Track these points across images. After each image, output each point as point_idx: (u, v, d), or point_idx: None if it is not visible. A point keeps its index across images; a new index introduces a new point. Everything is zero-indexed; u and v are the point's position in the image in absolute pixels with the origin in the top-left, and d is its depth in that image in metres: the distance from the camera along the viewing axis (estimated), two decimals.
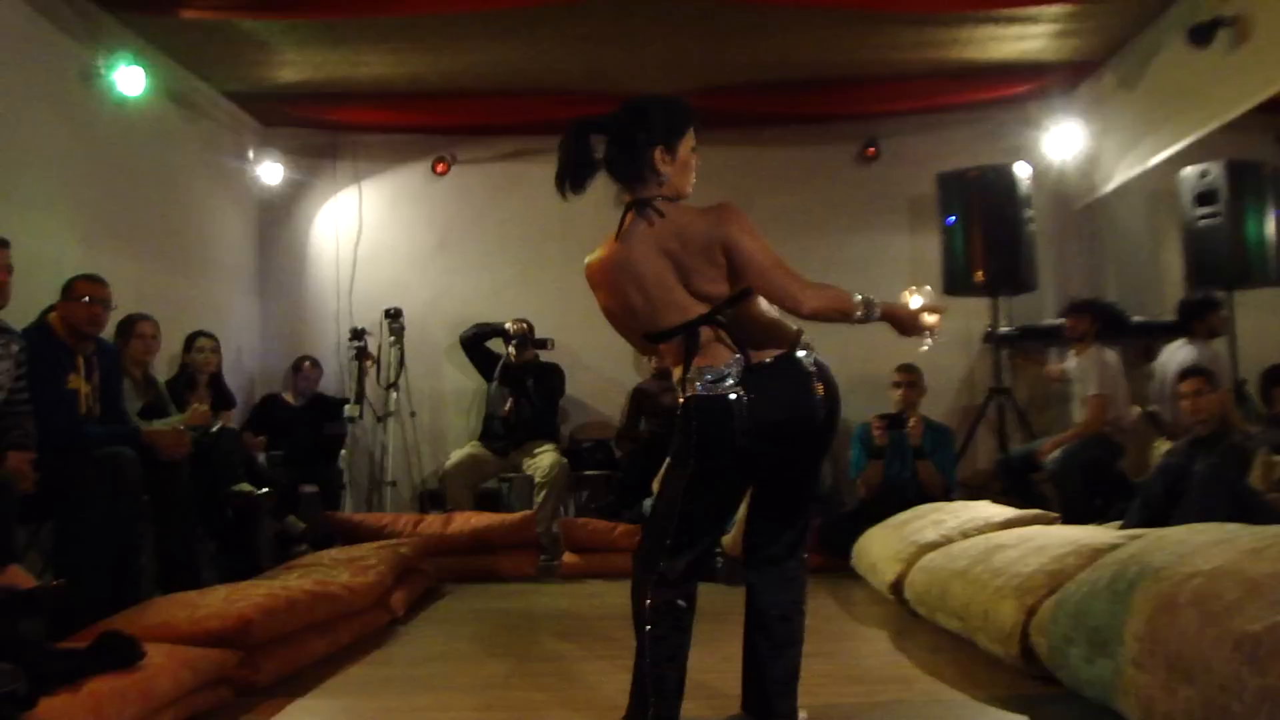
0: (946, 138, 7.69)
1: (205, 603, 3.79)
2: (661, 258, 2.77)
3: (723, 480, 2.86)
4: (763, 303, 2.81)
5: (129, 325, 5.29)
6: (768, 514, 2.97)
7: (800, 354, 2.81)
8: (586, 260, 2.96)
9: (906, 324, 2.92)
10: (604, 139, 2.87)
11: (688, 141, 2.86)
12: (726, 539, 5.17)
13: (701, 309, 2.77)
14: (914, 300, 2.93)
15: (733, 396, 2.73)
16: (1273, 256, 6.66)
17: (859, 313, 2.78)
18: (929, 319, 2.92)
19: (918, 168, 7.58)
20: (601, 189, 2.91)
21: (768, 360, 2.77)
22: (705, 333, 2.78)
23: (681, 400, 2.84)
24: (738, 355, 2.76)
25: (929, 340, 2.95)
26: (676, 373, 2.87)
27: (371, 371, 7.53)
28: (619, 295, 2.86)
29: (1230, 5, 5.59)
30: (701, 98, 7.17)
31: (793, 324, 2.85)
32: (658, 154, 2.81)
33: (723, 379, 2.75)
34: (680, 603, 2.81)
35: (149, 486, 4.48)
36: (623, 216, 2.87)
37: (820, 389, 2.81)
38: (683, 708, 2.85)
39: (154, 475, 4.51)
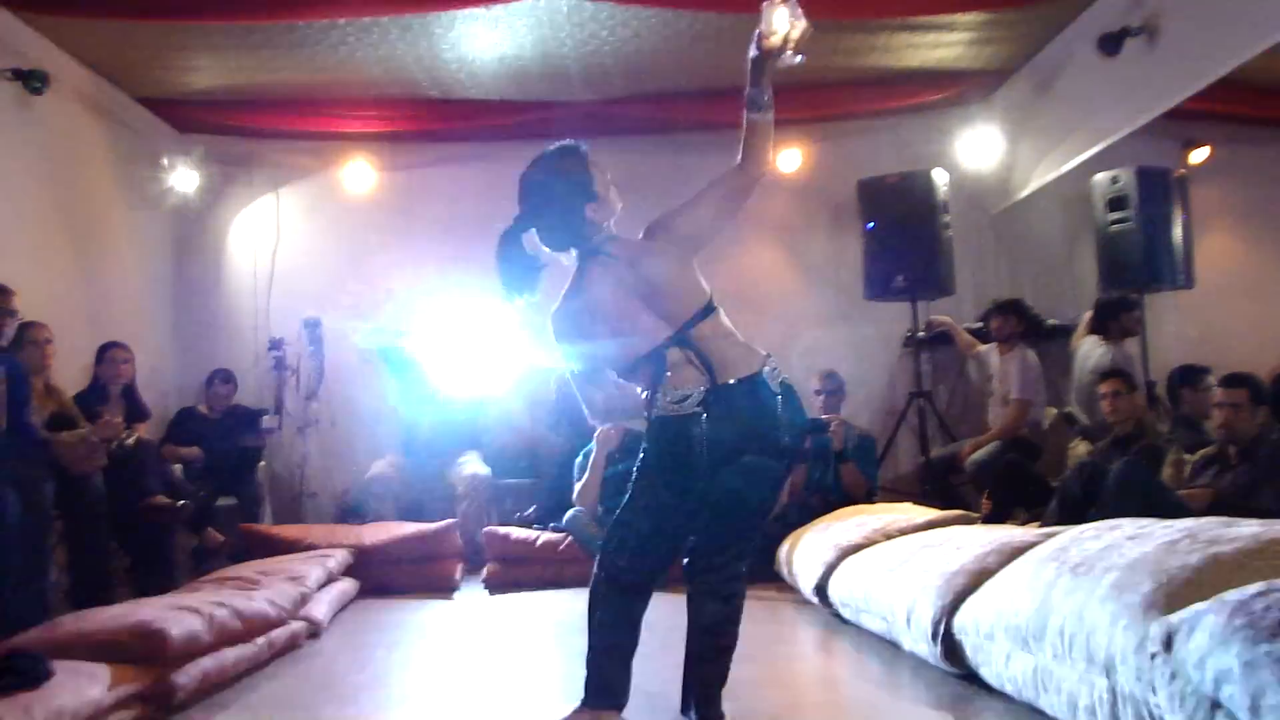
0: (866, 144, 7.78)
1: (118, 618, 3.69)
2: (621, 290, 2.84)
3: (683, 498, 2.89)
4: (727, 323, 2.88)
5: (19, 333, 5.12)
6: (718, 526, 2.97)
7: (766, 375, 2.82)
8: (550, 312, 2.98)
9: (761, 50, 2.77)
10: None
11: (599, 177, 2.92)
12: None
13: (668, 332, 2.83)
14: (771, 18, 2.72)
15: (694, 417, 2.77)
16: (1181, 260, 6.82)
17: (763, 114, 2.81)
18: (767, 39, 2.73)
19: (838, 174, 7.65)
20: (513, 204, 2.94)
21: (732, 382, 2.79)
22: (673, 354, 2.83)
23: (647, 419, 2.90)
24: (701, 379, 2.79)
25: (787, 57, 2.74)
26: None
27: (291, 382, 7.41)
28: (588, 336, 2.90)
29: (1137, 15, 5.73)
30: (622, 104, 7.22)
31: (759, 348, 2.89)
32: (589, 211, 2.89)
33: (686, 399, 2.79)
34: (631, 597, 2.93)
35: (59, 500, 4.35)
36: (579, 267, 2.93)
37: (783, 411, 2.83)
38: (623, 711, 2.93)
39: (65, 488, 4.38)
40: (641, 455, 2.95)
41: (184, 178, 7.57)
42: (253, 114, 7.34)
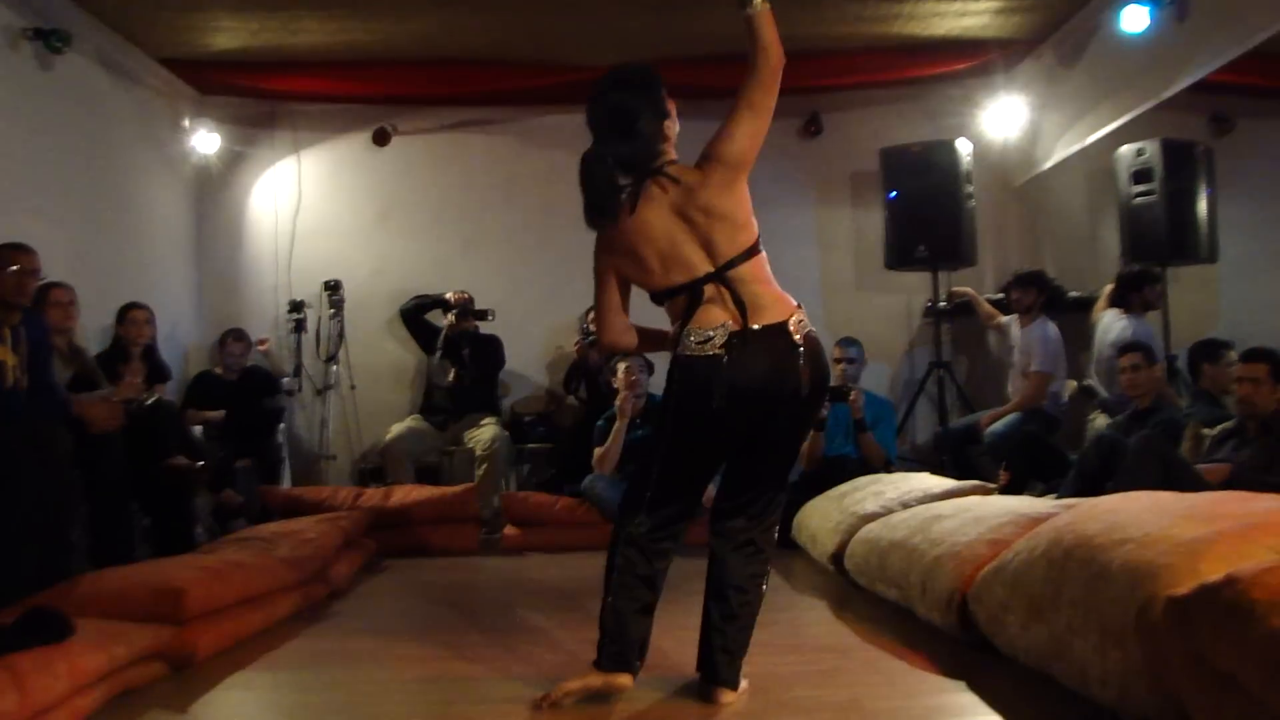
0: (889, 113, 7.74)
1: (139, 577, 3.73)
2: (675, 218, 2.85)
3: (699, 441, 2.92)
4: (766, 269, 2.90)
5: (42, 294, 5.14)
6: (739, 482, 3.00)
7: (791, 325, 2.83)
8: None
9: None
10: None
11: (665, 95, 2.96)
12: None
13: (708, 268, 2.85)
14: None
15: (715, 359, 2.79)
16: (1204, 234, 6.77)
17: (756, 6, 2.75)
18: None
19: (861, 143, 7.62)
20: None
21: (756, 328, 2.81)
22: (709, 290, 2.85)
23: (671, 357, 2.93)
24: (727, 321, 2.81)
25: None
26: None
27: (291, 345, 7.45)
28: (634, 257, 2.91)
29: None
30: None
31: (791, 299, 2.90)
32: (666, 126, 2.92)
33: (708, 340, 2.81)
34: (651, 555, 2.93)
35: (80, 459, 4.37)
36: (636, 186, 2.91)
37: (804, 362, 2.83)
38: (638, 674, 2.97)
39: (86, 448, 4.41)
40: (662, 396, 2.97)
41: (205, 139, 7.58)
42: (275, 76, 7.32)
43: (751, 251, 2.86)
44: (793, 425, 2.97)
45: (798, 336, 2.84)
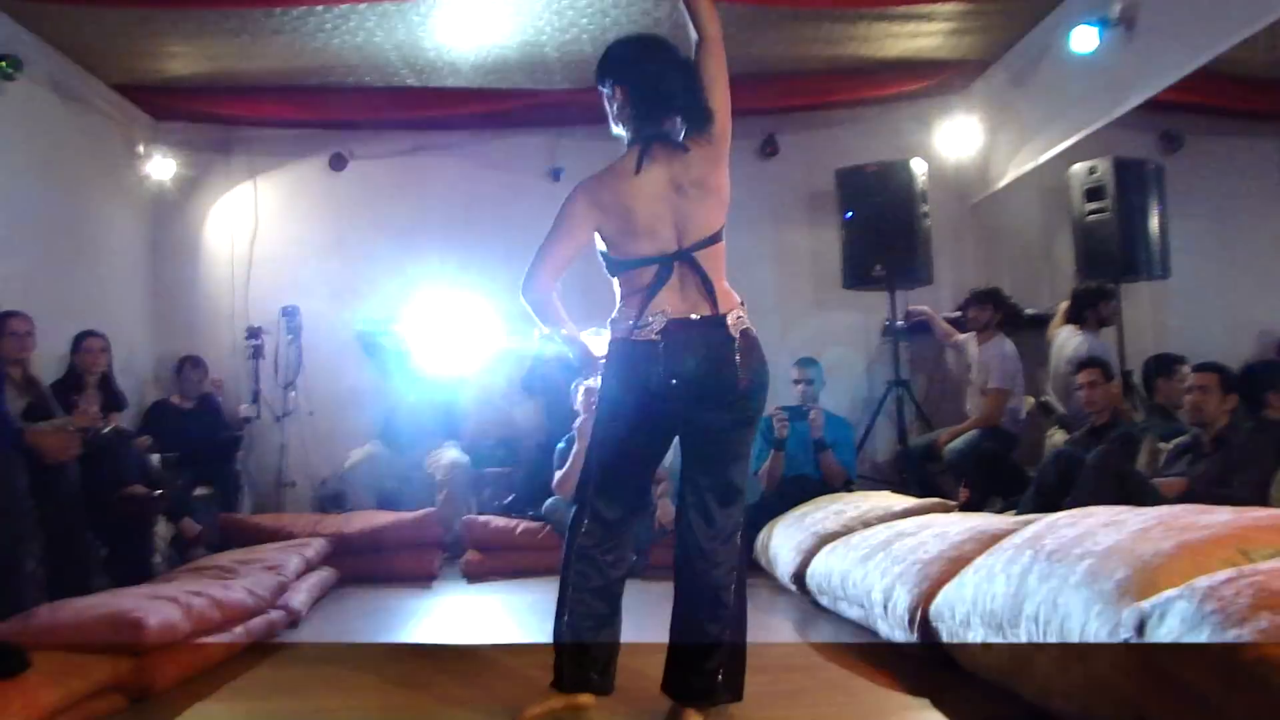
0: (845, 134, 7.79)
1: (96, 608, 3.67)
2: (668, 187, 2.88)
3: (637, 428, 2.93)
4: (722, 259, 2.96)
5: (0, 323, 5.09)
6: (689, 486, 2.98)
7: (729, 320, 2.87)
8: (591, 176, 3.00)
9: None
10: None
11: None
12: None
13: (673, 246, 2.89)
14: None
15: (651, 344, 2.83)
16: (1157, 250, 6.87)
17: None
18: None
19: (817, 164, 7.66)
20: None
21: (694, 318, 2.85)
22: (677, 270, 2.88)
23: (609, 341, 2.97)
24: (666, 308, 2.85)
25: None
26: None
27: (269, 371, 7.39)
28: (624, 216, 2.91)
29: (1114, 7, 5.75)
30: (598, 93, 7.19)
31: (735, 295, 2.95)
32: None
33: (646, 326, 2.85)
34: (600, 569, 2.91)
35: (35, 490, 4.30)
36: (644, 148, 2.92)
37: (740, 358, 2.86)
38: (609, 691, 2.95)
39: (40, 478, 4.34)
40: (600, 381, 3.00)
41: (160, 165, 7.53)
42: (230, 101, 7.28)
43: (715, 238, 2.92)
44: (731, 422, 2.93)
45: (734, 332, 2.87)
